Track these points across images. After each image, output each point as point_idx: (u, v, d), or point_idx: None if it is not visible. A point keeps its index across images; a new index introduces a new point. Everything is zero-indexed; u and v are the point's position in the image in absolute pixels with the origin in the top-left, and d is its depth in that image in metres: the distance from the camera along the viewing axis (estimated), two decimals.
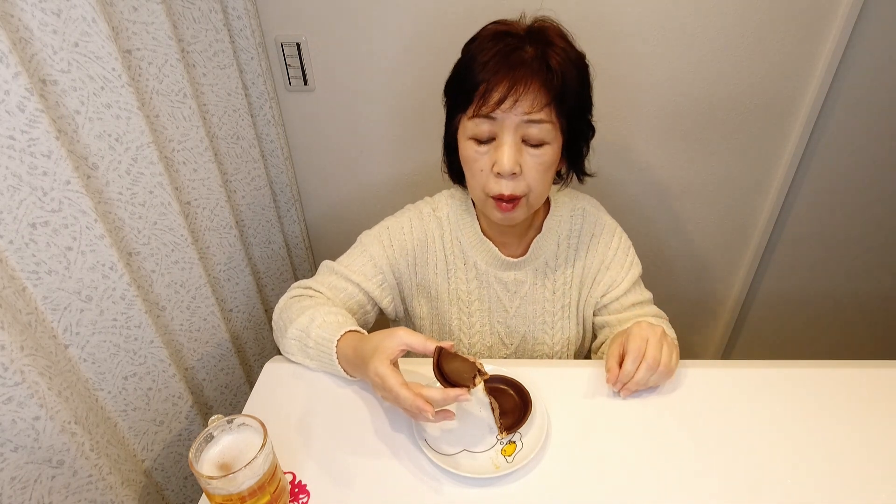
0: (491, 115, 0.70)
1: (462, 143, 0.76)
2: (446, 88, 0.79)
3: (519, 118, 0.70)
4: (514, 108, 0.69)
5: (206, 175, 0.97)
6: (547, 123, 0.71)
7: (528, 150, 0.73)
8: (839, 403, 0.75)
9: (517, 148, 0.72)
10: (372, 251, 0.87)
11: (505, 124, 0.71)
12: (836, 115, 1.16)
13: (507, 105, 0.69)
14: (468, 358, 0.65)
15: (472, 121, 0.72)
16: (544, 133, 0.71)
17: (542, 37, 0.71)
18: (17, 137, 0.63)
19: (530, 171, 0.73)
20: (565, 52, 0.71)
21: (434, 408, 0.62)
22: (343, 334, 0.74)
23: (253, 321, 1.21)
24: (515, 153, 0.72)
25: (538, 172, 0.74)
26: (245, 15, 1.04)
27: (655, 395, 0.77)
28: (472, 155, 0.75)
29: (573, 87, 0.71)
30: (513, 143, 0.71)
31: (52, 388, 0.65)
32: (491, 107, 0.69)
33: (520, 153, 0.72)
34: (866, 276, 1.42)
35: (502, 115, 0.70)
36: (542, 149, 0.73)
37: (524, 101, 0.69)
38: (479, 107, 0.70)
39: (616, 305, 0.91)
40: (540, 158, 0.73)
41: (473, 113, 0.71)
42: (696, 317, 1.53)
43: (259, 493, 0.58)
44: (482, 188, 0.76)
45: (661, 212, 1.33)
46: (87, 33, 0.70)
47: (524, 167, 0.73)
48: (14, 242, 0.65)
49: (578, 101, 0.74)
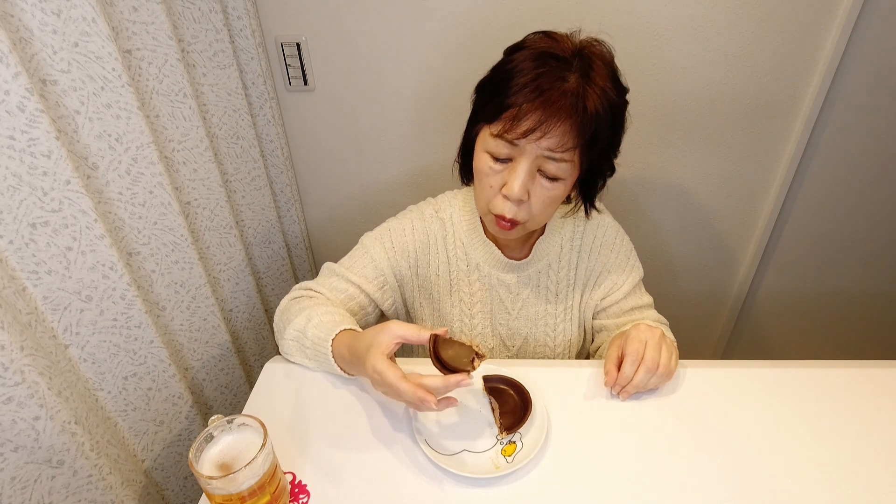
0: (514, 141, 0.69)
1: (478, 152, 0.75)
2: (478, 89, 0.76)
3: (541, 151, 0.69)
4: (539, 141, 0.67)
5: (206, 175, 0.97)
6: (567, 163, 0.70)
7: (540, 180, 0.72)
8: (839, 403, 0.75)
9: (530, 176, 0.71)
10: (373, 253, 0.87)
11: (525, 151, 0.69)
12: (836, 114, 1.16)
13: (533, 137, 0.67)
14: (464, 342, 0.64)
15: (493, 138, 0.71)
16: (561, 171, 0.70)
17: (588, 67, 0.68)
18: (17, 137, 0.63)
19: (537, 201, 0.73)
20: (605, 94, 0.68)
21: (436, 396, 0.62)
22: (337, 333, 0.73)
23: (253, 321, 1.21)
24: (527, 181, 0.71)
25: (544, 204, 0.73)
26: (245, 15, 1.04)
27: (655, 395, 0.77)
28: (485, 170, 0.74)
29: (605, 133, 0.69)
30: (527, 172, 0.70)
31: (52, 388, 0.65)
32: (517, 134, 0.68)
33: (531, 181, 0.72)
34: (866, 276, 1.42)
35: (525, 144, 0.69)
36: (555, 183, 0.72)
37: (551, 138, 0.67)
38: (505, 130, 0.68)
39: (615, 309, 0.91)
40: (550, 192, 0.72)
41: (497, 133, 0.69)
42: (696, 317, 1.53)
43: (259, 493, 0.58)
44: (486, 203, 0.76)
45: (662, 212, 1.33)
46: (87, 33, 0.70)
47: (532, 195, 0.72)
48: (14, 242, 0.65)
49: (606, 147, 0.72)
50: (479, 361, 0.63)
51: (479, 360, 0.63)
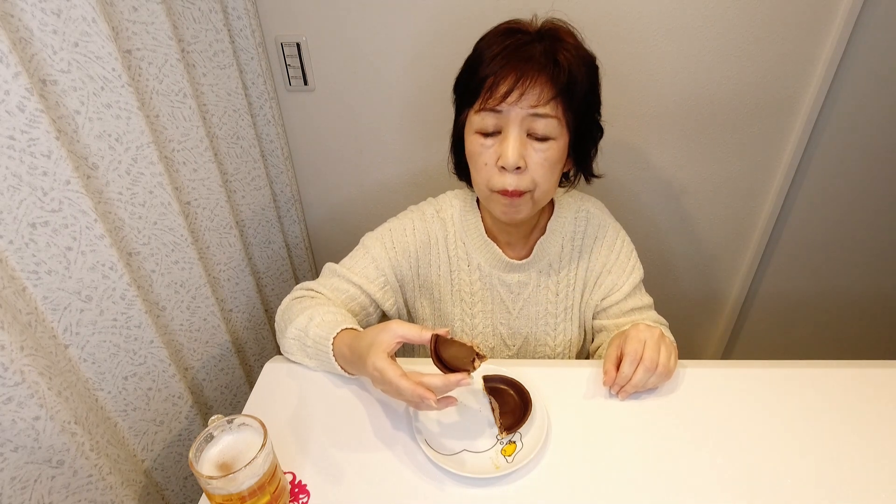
0: (497, 108, 0.71)
1: (468, 137, 0.77)
2: (455, 85, 0.79)
3: (524, 111, 0.70)
4: (520, 101, 0.69)
5: (206, 175, 0.97)
6: (553, 118, 0.71)
7: (533, 144, 0.73)
8: (839, 403, 0.75)
9: (522, 142, 0.72)
10: (374, 253, 0.87)
11: (510, 117, 0.71)
12: (836, 115, 1.16)
13: (512, 98, 0.69)
14: (465, 342, 0.64)
15: (478, 114, 0.73)
16: (550, 128, 0.72)
17: (552, 35, 0.72)
18: (17, 137, 0.63)
19: (535, 167, 0.73)
20: (575, 49, 0.72)
21: (436, 395, 0.62)
22: (339, 332, 0.73)
23: (253, 321, 1.21)
24: (520, 147, 0.72)
25: (543, 168, 0.74)
26: (245, 15, 1.04)
27: (655, 395, 0.77)
28: (477, 149, 0.75)
29: (581, 83, 0.72)
30: (517, 137, 0.72)
31: (52, 388, 0.65)
32: (497, 99, 0.70)
33: (524, 147, 0.72)
34: (866, 276, 1.42)
35: (508, 108, 0.70)
36: (548, 143, 0.73)
37: (530, 94, 0.69)
38: (486, 100, 0.71)
39: (615, 310, 0.91)
40: (545, 154, 0.73)
41: (480, 106, 0.72)
42: (696, 317, 1.53)
43: (259, 493, 0.58)
44: (486, 183, 0.76)
45: (662, 212, 1.33)
46: (87, 33, 0.70)
47: (529, 162, 0.73)
48: (14, 242, 0.65)
49: (586, 98, 0.74)
50: (479, 362, 0.63)
51: (479, 361, 0.63)
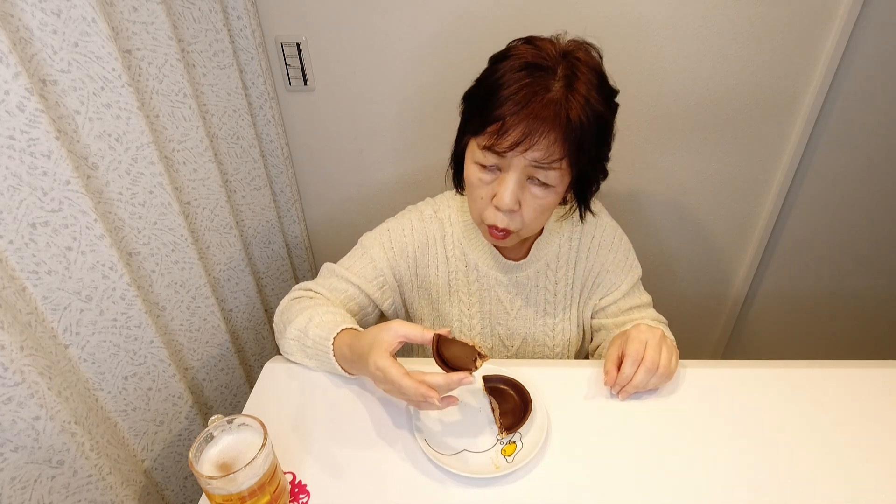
0: (501, 153, 0.69)
1: (468, 164, 0.75)
2: (465, 98, 0.76)
3: (528, 161, 0.69)
4: (526, 153, 0.68)
5: (206, 175, 0.97)
6: (556, 171, 0.70)
7: (531, 188, 0.72)
8: (839, 403, 0.75)
9: (520, 186, 0.71)
10: (372, 253, 0.87)
11: (513, 163, 0.69)
12: (837, 114, 1.16)
13: (519, 150, 0.67)
14: (467, 342, 0.64)
15: (481, 151, 0.71)
16: (551, 179, 0.70)
17: (572, 74, 0.67)
18: (17, 137, 0.63)
19: (528, 210, 0.73)
20: (588, 104, 0.67)
21: (438, 393, 0.62)
22: (339, 332, 0.73)
23: (253, 321, 1.21)
24: (517, 191, 0.71)
25: (536, 212, 0.74)
26: (245, 15, 1.04)
27: (656, 395, 0.77)
28: (475, 181, 0.74)
29: (590, 142, 0.69)
30: (516, 182, 0.70)
31: (52, 388, 0.65)
32: (503, 148, 0.68)
33: (522, 191, 0.72)
34: (866, 276, 1.42)
35: (511, 156, 0.69)
36: (547, 191, 0.72)
37: (537, 149, 0.67)
38: (491, 143, 0.68)
39: (613, 309, 0.91)
40: (541, 200, 0.73)
41: (484, 146, 0.70)
42: (696, 317, 1.53)
43: (259, 493, 0.58)
44: (479, 214, 0.77)
45: (661, 211, 1.33)
46: (87, 33, 0.70)
47: (523, 204, 0.73)
48: (14, 242, 0.65)
49: (593, 155, 0.72)
50: (481, 361, 0.64)
51: (481, 360, 0.64)
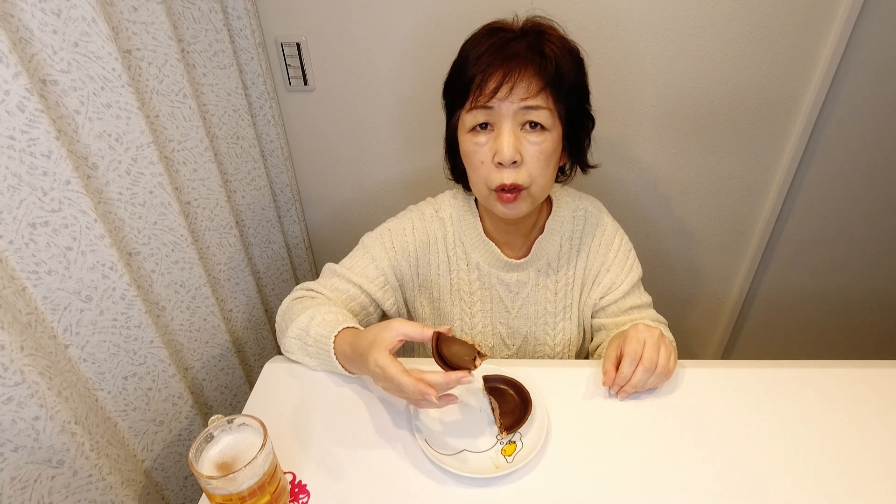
0: (487, 104, 0.71)
1: (462, 138, 0.77)
2: (445, 88, 0.79)
3: (516, 105, 0.70)
4: (510, 95, 0.70)
5: (206, 175, 0.97)
6: (544, 109, 0.71)
7: (527, 137, 0.73)
8: (839, 403, 0.75)
9: (516, 136, 0.72)
10: (374, 253, 0.87)
11: (502, 113, 0.71)
12: (836, 114, 1.16)
13: (502, 93, 0.70)
14: (466, 340, 0.65)
15: (469, 113, 0.73)
16: (542, 119, 0.72)
17: (536, 30, 0.73)
18: (17, 137, 0.63)
19: (531, 160, 0.73)
20: (560, 40, 0.73)
21: (437, 392, 0.62)
22: (340, 331, 0.74)
23: (253, 321, 1.21)
24: (515, 140, 0.72)
25: (539, 161, 0.74)
26: (245, 15, 1.04)
27: (655, 395, 0.77)
28: (471, 148, 0.75)
29: (568, 72, 0.72)
30: (511, 131, 0.72)
31: (52, 388, 0.65)
32: (487, 96, 0.70)
33: (519, 141, 0.73)
34: (866, 276, 1.42)
35: (499, 104, 0.71)
36: (542, 135, 0.73)
37: (519, 87, 0.70)
38: (476, 98, 0.71)
39: (614, 308, 0.91)
40: (540, 146, 0.73)
41: (471, 105, 0.72)
42: (696, 317, 1.53)
43: (259, 493, 0.58)
44: (484, 181, 0.76)
45: (661, 212, 1.33)
46: (87, 33, 0.70)
47: (525, 156, 0.73)
48: (14, 242, 0.65)
49: (575, 87, 0.74)
50: (480, 360, 0.64)
51: (480, 359, 0.64)
